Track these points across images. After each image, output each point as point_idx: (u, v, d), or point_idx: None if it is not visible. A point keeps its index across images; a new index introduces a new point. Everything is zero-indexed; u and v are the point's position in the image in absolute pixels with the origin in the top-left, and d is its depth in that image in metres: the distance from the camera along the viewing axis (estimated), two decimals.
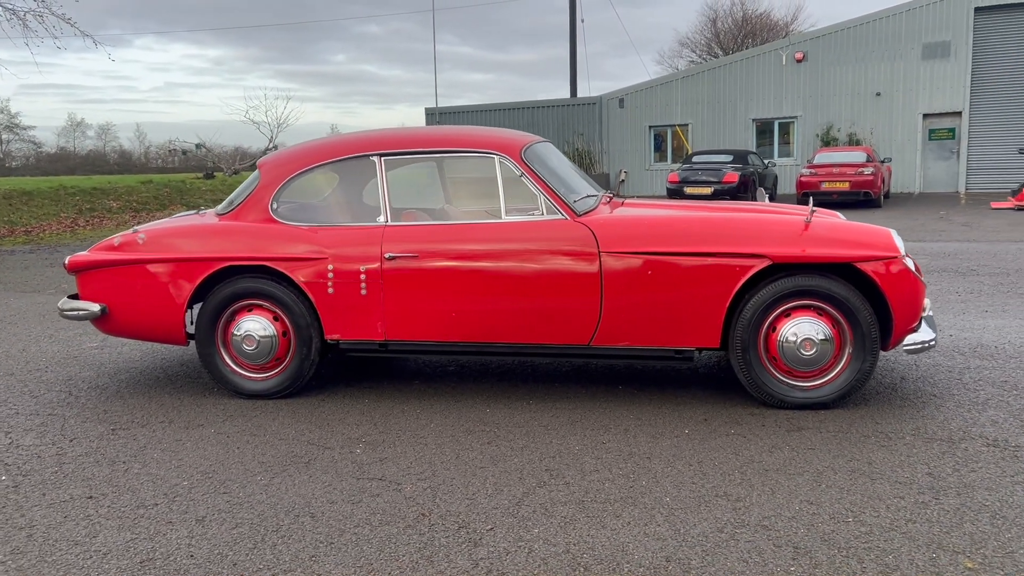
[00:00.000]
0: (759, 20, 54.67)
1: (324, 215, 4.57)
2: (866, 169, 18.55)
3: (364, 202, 4.57)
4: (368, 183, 4.56)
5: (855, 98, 23.50)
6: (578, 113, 26.87)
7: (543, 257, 4.24)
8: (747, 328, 4.11)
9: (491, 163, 4.42)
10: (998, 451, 3.47)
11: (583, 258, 4.19)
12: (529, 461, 3.55)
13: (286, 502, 3.18)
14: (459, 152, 4.54)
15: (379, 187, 4.49)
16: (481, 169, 4.47)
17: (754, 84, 24.63)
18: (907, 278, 4.02)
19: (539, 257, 4.24)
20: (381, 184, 4.49)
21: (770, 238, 4.08)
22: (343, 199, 4.65)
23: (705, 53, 55.37)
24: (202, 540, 2.88)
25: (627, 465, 3.46)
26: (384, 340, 4.44)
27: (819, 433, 3.77)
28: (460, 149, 4.53)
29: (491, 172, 4.41)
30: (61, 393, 4.81)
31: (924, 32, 22.64)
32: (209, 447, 3.83)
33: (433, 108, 29.44)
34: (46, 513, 3.14)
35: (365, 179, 4.58)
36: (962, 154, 22.75)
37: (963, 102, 22.48)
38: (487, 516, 3.00)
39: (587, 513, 3.00)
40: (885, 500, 3.02)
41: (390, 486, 3.31)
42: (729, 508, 3.01)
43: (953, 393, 4.31)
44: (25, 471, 3.59)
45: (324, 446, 3.81)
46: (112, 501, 3.24)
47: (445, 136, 4.64)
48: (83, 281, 4.74)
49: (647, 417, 4.09)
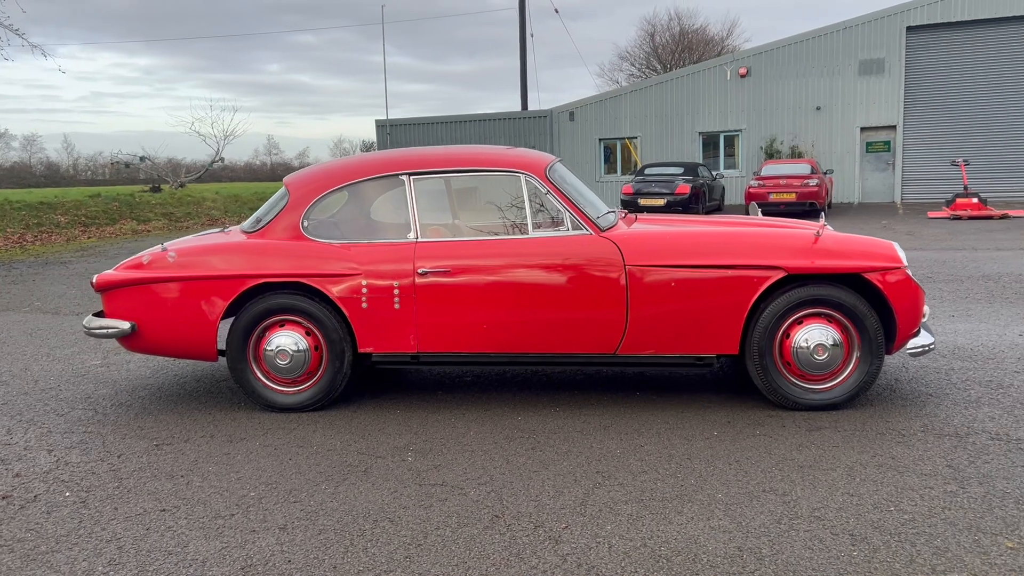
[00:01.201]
0: (695, 35, 56.11)
1: (355, 232, 4.71)
2: (812, 180, 19.29)
3: (393, 219, 4.72)
4: (397, 201, 4.71)
5: (796, 112, 24.38)
6: (529, 126, 27.25)
7: (572, 271, 4.46)
8: (764, 335, 4.39)
9: (517, 181, 4.64)
10: (1003, 444, 3.81)
11: (610, 271, 4.42)
12: (577, 464, 3.76)
13: (360, 509, 3.33)
14: (486, 171, 4.74)
15: (409, 205, 4.66)
16: (507, 187, 4.67)
17: (700, 98, 25.35)
18: (909, 286, 4.35)
19: (568, 271, 4.46)
20: (411, 202, 4.66)
21: (785, 251, 4.38)
22: (373, 217, 4.80)
23: (644, 67, 56.59)
24: (292, 546, 3.01)
25: (671, 466, 3.69)
26: (416, 352, 4.60)
27: (837, 432, 4.07)
28: (488, 168, 4.73)
29: (517, 190, 4.63)
30: (87, 411, 4.84)
31: (860, 49, 23.63)
32: (261, 459, 3.95)
33: (383, 120, 29.49)
34: (127, 526, 3.23)
35: (394, 197, 4.74)
36: (897, 166, 23.78)
37: (898, 116, 23.52)
38: (558, 516, 3.20)
39: (650, 510, 3.23)
40: (917, 491, 3.32)
41: (454, 491, 3.49)
42: (779, 502, 3.26)
43: (947, 393, 4.66)
44: (86, 487, 3.65)
45: (375, 455, 3.96)
46: (187, 513, 3.34)
47: (472, 155, 4.84)
48: (110, 299, 4.78)
49: (673, 421, 4.34)
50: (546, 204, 4.62)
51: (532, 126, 27.24)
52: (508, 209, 4.69)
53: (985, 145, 22.56)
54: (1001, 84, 22.57)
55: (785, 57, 24.35)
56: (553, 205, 4.60)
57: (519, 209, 4.64)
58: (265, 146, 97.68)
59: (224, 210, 24.59)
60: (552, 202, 4.59)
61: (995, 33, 22.45)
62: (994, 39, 22.49)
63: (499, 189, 4.74)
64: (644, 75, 55.19)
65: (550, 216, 4.63)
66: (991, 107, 22.73)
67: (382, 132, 29.44)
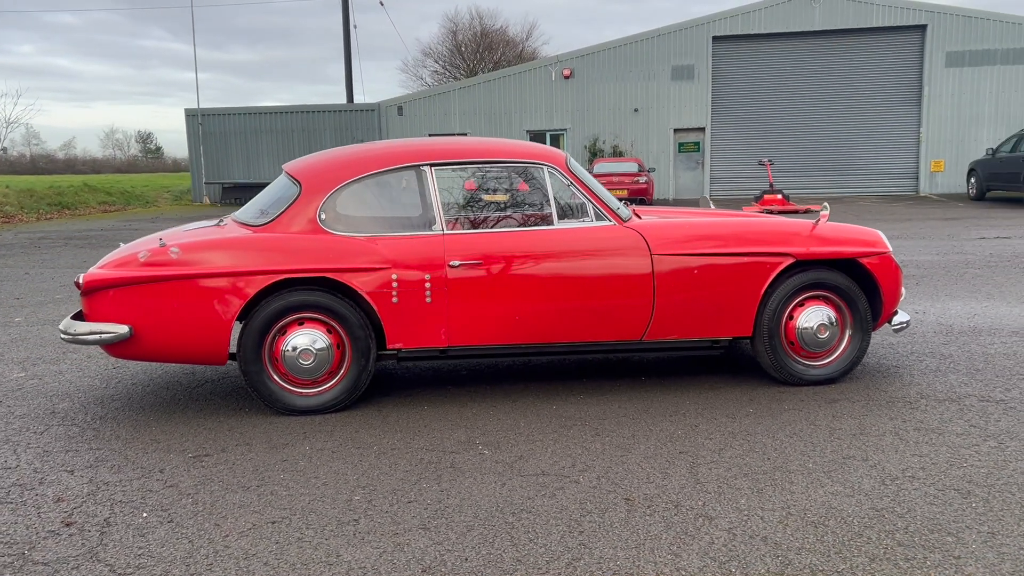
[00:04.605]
0: (497, 35, 57.39)
1: (376, 225, 4.53)
2: (641, 178, 20.54)
3: (416, 212, 4.59)
4: (419, 193, 4.59)
5: (617, 113, 25.70)
6: (357, 119, 26.73)
7: (601, 261, 4.56)
8: (772, 317, 4.73)
9: (541, 173, 4.68)
10: (996, 405, 4.36)
11: (638, 260, 4.58)
12: (655, 446, 3.88)
13: (485, 502, 3.26)
14: (510, 163, 4.73)
15: (432, 197, 4.57)
16: (531, 178, 4.70)
17: (527, 97, 26.06)
18: (893, 268, 4.86)
19: (598, 261, 4.56)
20: (434, 193, 4.57)
21: (793, 239, 4.74)
22: (395, 209, 4.64)
23: (448, 64, 57.10)
24: (452, 544, 2.92)
25: (744, 443, 3.91)
26: (447, 346, 4.52)
27: (854, 403, 4.47)
28: (511, 160, 4.73)
29: (541, 181, 4.67)
30: (66, 427, 4.32)
31: (672, 56, 25.32)
32: (329, 463, 3.74)
33: (194, 110, 27.77)
34: (252, 541, 2.97)
35: (416, 188, 4.61)
36: (706, 165, 25.73)
37: (706, 119, 25.45)
38: (687, 494, 3.31)
39: (763, 483, 3.41)
40: (969, 448, 3.75)
41: (562, 479, 3.50)
42: (867, 466, 3.57)
43: (906, 364, 5.24)
44: (157, 506, 3.30)
45: (446, 451, 3.87)
46: (304, 522, 3.12)
47: (494, 147, 4.81)
48: (99, 300, 4.29)
49: (703, 402, 4.57)
50: (568, 195, 4.69)
51: (360, 119, 26.75)
52: (532, 200, 4.72)
53: (783, 146, 24.96)
54: (795, 91, 25.05)
55: (606, 61, 25.59)
56: (576, 196, 4.68)
57: (544, 200, 4.68)
58: (23, 136, 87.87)
59: (19, 205, 22.12)
60: (576, 193, 4.67)
61: (788, 45, 24.87)
62: (788, 51, 24.91)
63: (522, 180, 4.75)
64: (449, 72, 55.74)
65: (571, 207, 4.71)
66: (787, 112, 25.17)
67: (192, 122, 27.71)
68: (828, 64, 24.79)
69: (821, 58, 24.78)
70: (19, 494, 3.45)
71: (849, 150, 25.10)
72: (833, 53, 24.72)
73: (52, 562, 2.85)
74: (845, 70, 24.78)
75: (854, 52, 24.66)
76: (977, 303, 7.22)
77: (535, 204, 4.72)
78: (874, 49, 24.61)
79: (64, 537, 3.04)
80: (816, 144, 25.12)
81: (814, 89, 24.84)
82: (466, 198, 4.86)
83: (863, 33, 24.43)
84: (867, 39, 24.52)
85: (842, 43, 24.64)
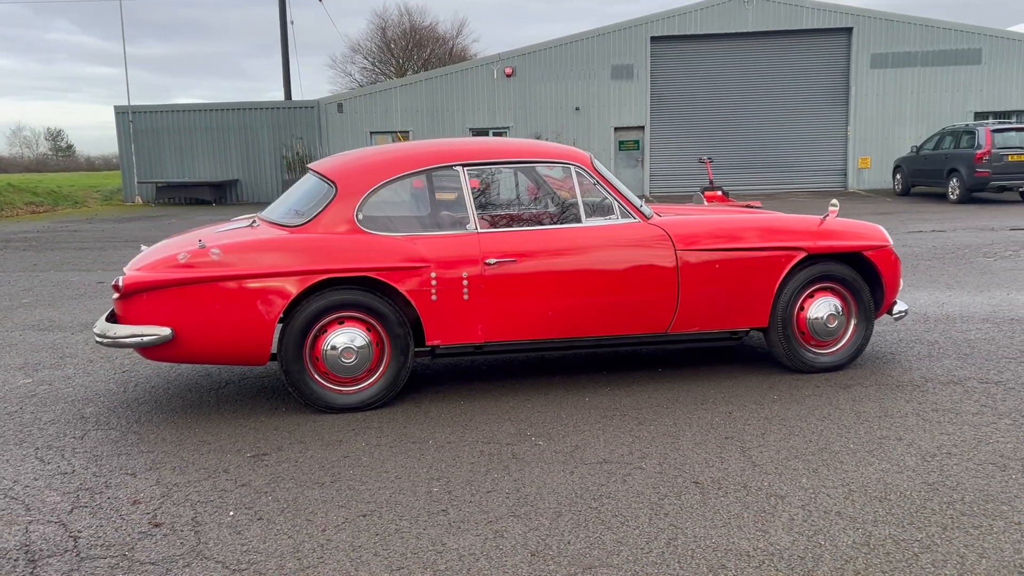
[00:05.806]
0: (426, 32, 57.12)
1: (412, 225, 4.61)
2: None
3: (450, 211, 4.69)
4: (453, 192, 4.69)
5: (559, 111, 25.99)
6: (295, 116, 26.33)
7: (630, 257, 4.73)
8: (786, 308, 4.99)
9: (568, 172, 4.82)
10: (996, 386, 4.70)
11: (664, 256, 4.76)
12: (700, 432, 4.07)
13: (564, 490, 3.39)
14: (538, 162, 4.86)
15: (465, 196, 4.67)
16: (559, 178, 4.84)
17: (469, 95, 26.12)
18: (894, 261, 5.17)
19: (626, 257, 4.73)
20: (467, 193, 4.67)
21: (805, 234, 5.00)
22: (430, 208, 4.72)
23: (378, 61, 56.59)
24: (551, 529, 3.04)
25: (782, 428, 4.13)
26: (483, 342, 4.63)
27: (867, 388, 4.76)
28: (539, 160, 4.86)
29: (568, 180, 4.82)
30: (106, 430, 4.27)
31: (612, 55, 25.72)
32: (394, 457, 3.81)
33: (124, 107, 26.90)
34: (354, 534, 3.04)
35: (449, 188, 4.71)
36: (645, 163, 26.25)
37: (645, 118, 25.94)
38: (750, 476, 3.51)
39: (812, 464, 3.63)
40: (990, 427, 4.05)
41: (628, 467, 3.65)
42: (905, 444, 3.83)
43: (901, 350, 5.57)
44: (240, 504, 3.32)
45: (501, 443, 3.98)
46: (395, 514, 3.20)
47: (524, 147, 4.94)
48: (139, 303, 4.25)
49: (727, 391, 4.79)
50: (594, 194, 4.85)
51: (299, 117, 26.37)
52: (560, 199, 4.86)
53: (720, 144, 25.62)
54: (731, 91, 25.75)
55: (547, 60, 25.84)
56: (602, 195, 4.84)
57: (572, 199, 4.82)
58: None
59: None
60: (602, 192, 4.83)
61: (724, 46, 25.55)
62: (723, 51, 25.60)
63: (551, 179, 4.89)
64: (379, 69, 55.26)
65: (598, 205, 4.86)
66: (723, 111, 25.85)
67: (123, 119, 26.84)
68: (762, 64, 25.57)
69: (755, 58, 25.54)
70: (90, 498, 3.42)
71: (782, 147, 25.95)
72: (766, 54, 25.51)
73: (160, 561, 2.86)
74: (778, 70, 25.60)
75: (786, 53, 25.50)
76: (941, 293, 7.67)
77: (564, 202, 4.86)
78: (804, 50, 25.50)
79: (159, 537, 3.05)
80: (751, 142, 25.88)
81: (749, 88, 25.60)
82: (497, 197, 4.97)
83: (794, 35, 25.28)
84: (797, 40, 25.39)
85: (774, 44, 25.45)
